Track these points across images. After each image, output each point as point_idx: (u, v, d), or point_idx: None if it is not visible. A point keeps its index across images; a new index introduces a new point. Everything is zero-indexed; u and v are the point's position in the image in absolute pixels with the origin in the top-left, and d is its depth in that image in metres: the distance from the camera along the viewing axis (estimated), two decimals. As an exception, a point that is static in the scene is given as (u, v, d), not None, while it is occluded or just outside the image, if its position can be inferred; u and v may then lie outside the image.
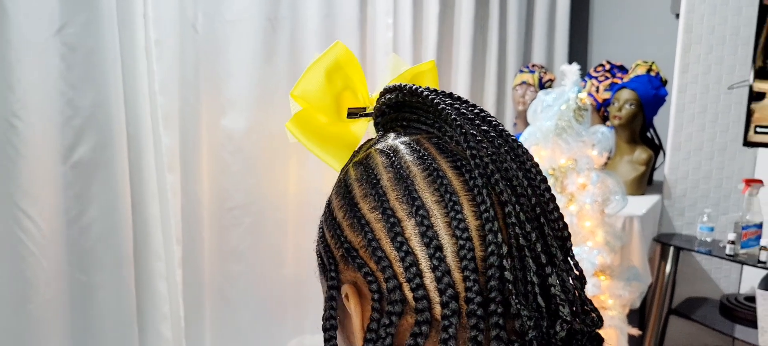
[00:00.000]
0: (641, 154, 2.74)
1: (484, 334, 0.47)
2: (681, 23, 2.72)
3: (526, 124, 2.26)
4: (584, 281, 0.52)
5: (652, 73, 2.76)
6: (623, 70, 2.92)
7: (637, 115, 2.67)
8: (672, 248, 2.63)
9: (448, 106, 0.53)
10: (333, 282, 0.53)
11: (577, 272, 0.52)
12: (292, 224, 2.36)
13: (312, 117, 0.65)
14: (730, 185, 2.77)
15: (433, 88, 0.56)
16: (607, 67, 2.93)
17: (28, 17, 1.55)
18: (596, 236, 2.13)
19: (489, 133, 0.52)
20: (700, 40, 2.70)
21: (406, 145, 0.54)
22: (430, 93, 0.55)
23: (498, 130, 0.53)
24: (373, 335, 0.49)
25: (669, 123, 2.79)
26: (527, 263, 0.49)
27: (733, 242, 2.38)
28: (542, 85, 2.93)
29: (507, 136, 0.53)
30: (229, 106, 2.14)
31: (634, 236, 2.43)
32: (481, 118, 0.53)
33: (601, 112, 2.88)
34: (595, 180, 2.11)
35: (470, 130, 0.51)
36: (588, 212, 2.11)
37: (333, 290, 0.53)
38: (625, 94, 2.65)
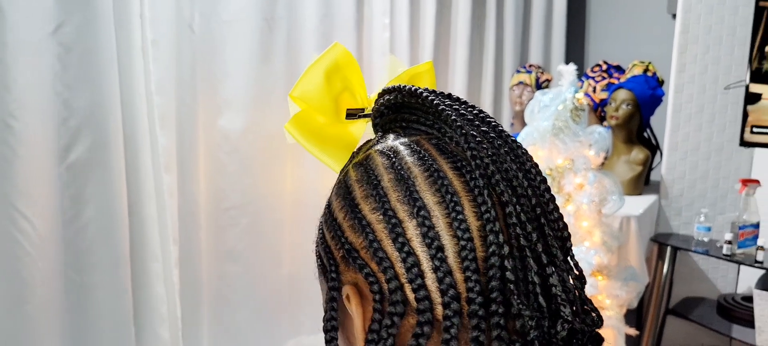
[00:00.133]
0: (638, 154, 2.75)
1: (485, 334, 0.47)
2: (677, 23, 2.73)
3: (523, 124, 2.26)
4: (584, 281, 0.52)
5: (649, 74, 2.76)
6: (620, 70, 2.92)
7: (634, 116, 2.67)
8: (669, 248, 2.63)
9: (448, 108, 0.53)
10: (334, 283, 0.53)
11: (577, 272, 0.52)
12: (289, 224, 2.36)
13: (311, 118, 0.65)
14: (727, 184, 2.77)
15: (433, 90, 0.56)
16: (604, 67, 2.94)
17: (24, 17, 1.55)
18: (593, 236, 2.13)
19: (488, 134, 0.52)
20: (697, 40, 2.70)
21: (406, 146, 0.54)
22: (430, 94, 0.55)
23: (497, 131, 0.53)
24: (374, 335, 0.49)
25: (666, 123, 2.80)
26: (528, 263, 0.49)
27: (730, 242, 2.38)
28: (539, 86, 2.93)
29: (506, 136, 0.53)
30: (226, 106, 2.14)
31: (631, 236, 2.43)
32: (481, 119, 0.54)
33: (598, 112, 2.89)
34: (592, 180, 2.11)
35: (470, 131, 0.51)
36: (585, 212, 2.11)
37: (334, 292, 0.53)
38: (622, 94, 2.66)
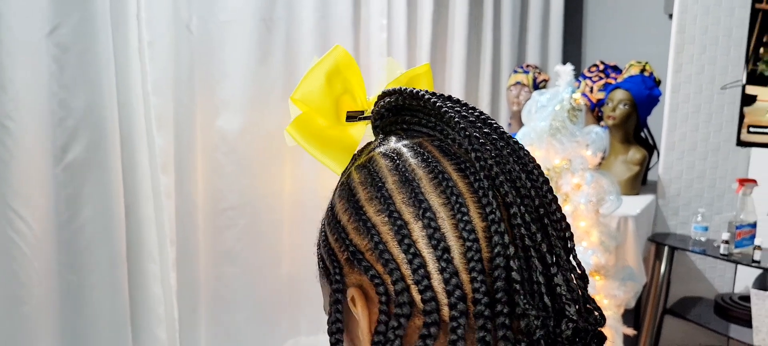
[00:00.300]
0: (635, 154, 2.75)
1: (491, 334, 0.48)
2: (674, 24, 2.73)
3: (521, 124, 2.26)
4: (587, 280, 0.53)
5: (646, 74, 2.76)
6: (617, 70, 2.93)
7: (631, 116, 2.68)
8: (666, 248, 2.64)
9: (450, 110, 0.54)
10: (338, 285, 0.53)
11: (580, 271, 0.52)
12: (287, 225, 2.36)
13: (312, 121, 0.65)
14: (724, 184, 2.78)
15: (433, 92, 0.57)
16: (601, 67, 2.94)
17: (20, 18, 1.55)
18: (591, 236, 2.13)
19: (490, 135, 0.53)
20: (693, 40, 2.71)
21: (410, 148, 0.54)
22: (432, 96, 0.55)
23: (498, 133, 0.53)
24: (381, 337, 0.50)
25: (663, 123, 2.80)
26: (533, 263, 0.49)
27: (727, 242, 2.38)
28: (536, 86, 2.93)
29: (508, 138, 0.54)
30: (224, 107, 2.14)
31: (628, 236, 2.43)
32: (482, 120, 0.54)
33: (595, 112, 2.89)
34: (590, 180, 2.11)
35: (473, 133, 0.52)
36: (582, 212, 2.11)
37: (338, 294, 0.53)
38: (619, 94, 2.66)
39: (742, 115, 2.64)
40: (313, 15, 2.31)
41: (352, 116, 0.64)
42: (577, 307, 0.50)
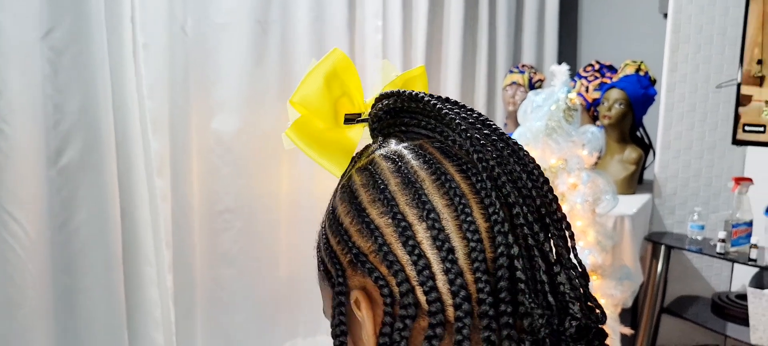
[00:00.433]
0: (631, 153, 2.75)
1: (496, 334, 0.48)
2: (669, 23, 2.74)
3: (517, 124, 2.26)
4: (588, 278, 0.53)
5: (641, 73, 2.77)
6: (612, 69, 2.93)
7: (627, 115, 2.68)
8: (663, 247, 2.64)
9: (450, 111, 0.54)
10: (341, 288, 0.54)
11: (581, 270, 0.53)
12: (284, 226, 2.35)
13: (311, 124, 0.65)
14: (720, 183, 2.78)
15: (431, 94, 0.57)
16: (597, 67, 2.94)
17: (14, 21, 1.54)
18: (587, 235, 2.13)
19: (490, 136, 0.53)
20: (688, 39, 2.71)
21: (411, 150, 0.55)
22: (432, 98, 0.56)
23: (498, 134, 0.54)
24: (386, 339, 0.50)
25: (658, 122, 2.81)
26: (536, 262, 0.50)
27: (723, 240, 2.39)
28: (532, 86, 2.93)
29: (507, 139, 0.54)
30: (219, 108, 2.13)
31: (625, 235, 2.44)
32: (481, 122, 0.55)
33: (591, 111, 2.89)
34: (586, 180, 2.11)
35: (474, 134, 0.52)
36: (579, 211, 2.11)
37: (341, 297, 0.54)
38: (615, 93, 2.66)
39: (737, 114, 2.64)
40: (308, 16, 2.31)
41: (350, 119, 0.64)
42: (579, 305, 0.51)
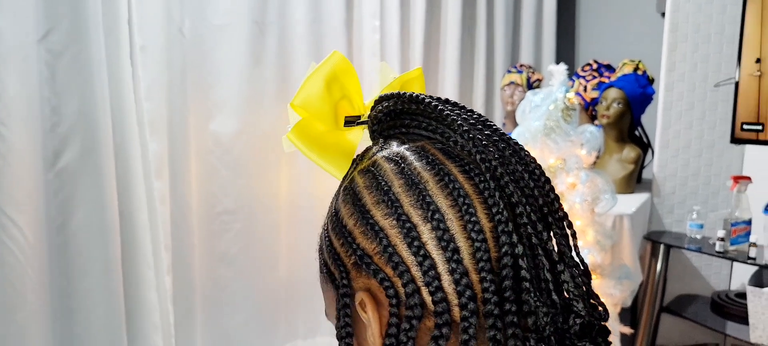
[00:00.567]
0: (630, 152, 2.75)
1: (501, 333, 0.48)
2: (667, 22, 2.73)
3: (515, 124, 2.26)
4: (590, 276, 0.54)
5: (639, 72, 2.77)
6: (610, 69, 2.93)
7: (625, 114, 2.68)
8: (662, 246, 2.64)
9: (451, 113, 0.55)
10: (345, 290, 0.54)
11: (583, 268, 0.54)
12: (284, 227, 2.35)
13: (311, 126, 0.65)
14: (719, 181, 2.78)
15: (431, 96, 0.57)
16: (595, 66, 2.94)
17: (11, 23, 1.54)
18: (586, 235, 2.13)
19: (492, 137, 0.54)
20: (686, 38, 2.71)
21: (413, 151, 0.55)
22: (433, 100, 0.56)
23: (499, 134, 0.54)
24: (392, 340, 0.50)
25: (657, 121, 2.80)
26: (540, 261, 0.50)
27: (722, 239, 2.39)
28: (530, 85, 2.93)
29: (508, 139, 0.55)
30: (217, 110, 2.13)
31: (624, 235, 2.43)
32: (482, 123, 0.55)
33: (589, 111, 2.89)
34: (585, 179, 2.11)
35: (477, 135, 0.52)
36: (578, 211, 2.11)
37: (346, 299, 0.54)
38: (613, 93, 2.66)
39: (735, 113, 2.64)
40: (306, 17, 2.30)
41: (350, 121, 0.65)
42: (583, 302, 0.51)
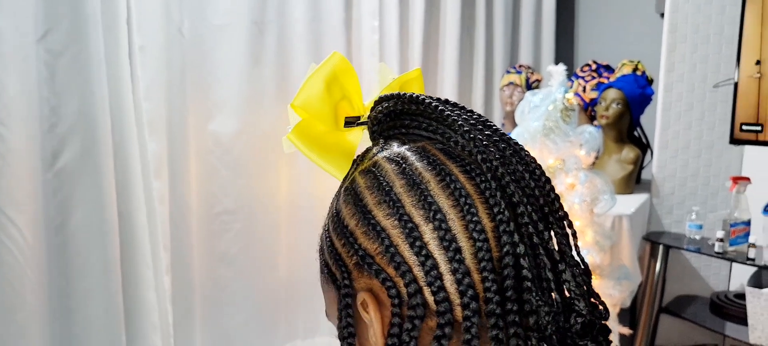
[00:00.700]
0: (629, 153, 2.75)
1: (503, 332, 0.49)
2: (666, 22, 2.74)
3: (514, 124, 2.26)
4: (590, 275, 0.54)
5: (638, 73, 2.77)
6: (609, 69, 2.93)
7: (624, 115, 2.68)
8: (661, 247, 2.64)
9: (452, 113, 0.55)
10: (347, 290, 0.54)
11: (583, 267, 0.54)
12: (284, 227, 2.35)
13: (312, 127, 0.66)
14: (718, 182, 2.78)
15: (431, 96, 0.57)
16: (594, 66, 2.94)
17: (10, 24, 1.54)
18: (585, 235, 2.13)
19: (492, 137, 0.54)
20: (685, 39, 2.71)
21: (414, 152, 0.55)
22: (433, 100, 0.56)
23: (499, 134, 0.55)
24: (395, 340, 0.50)
25: (656, 122, 2.81)
26: (542, 260, 0.51)
27: (721, 240, 2.39)
28: (529, 86, 2.93)
29: (508, 139, 0.55)
30: (217, 110, 2.13)
31: (623, 235, 2.43)
32: (482, 123, 0.55)
33: (588, 111, 2.89)
34: (584, 180, 2.11)
35: (478, 136, 0.53)
36: (577, 211, 2.11)
37: (348, 299, 0.54)
38: (612, 93, 2.66)
39: (734, 113, 2.64)
40: (305, 17, 2.30)
41: (350, 122, 0.65)
42: (584, 301, 0.51)
